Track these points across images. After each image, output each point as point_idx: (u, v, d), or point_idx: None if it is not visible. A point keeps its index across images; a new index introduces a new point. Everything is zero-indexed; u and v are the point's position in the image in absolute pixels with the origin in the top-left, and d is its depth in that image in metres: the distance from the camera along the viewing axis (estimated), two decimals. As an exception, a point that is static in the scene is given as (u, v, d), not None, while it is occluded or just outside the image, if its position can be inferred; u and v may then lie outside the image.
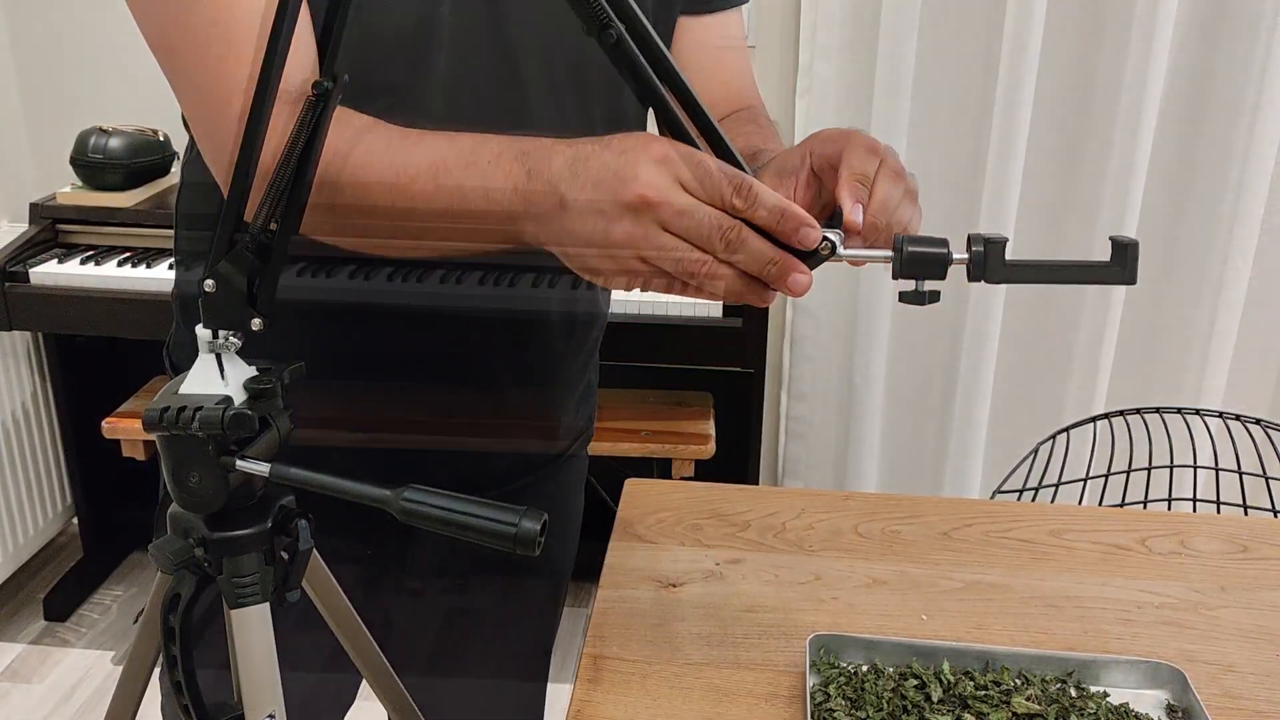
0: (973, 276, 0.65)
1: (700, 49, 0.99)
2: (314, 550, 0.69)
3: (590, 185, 0.65)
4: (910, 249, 0.66)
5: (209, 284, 0.61)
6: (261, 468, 0.63)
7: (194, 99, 0.76)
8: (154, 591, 0.69)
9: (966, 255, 0.65)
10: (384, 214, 0.73)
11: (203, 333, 0.63)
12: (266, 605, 0.67)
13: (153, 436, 0.63)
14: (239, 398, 0.64)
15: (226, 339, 0.63)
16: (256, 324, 0.62)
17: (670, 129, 0.64)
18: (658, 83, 0.63)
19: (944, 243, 0.66)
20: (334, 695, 1.05)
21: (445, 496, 0.60)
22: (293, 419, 0.66)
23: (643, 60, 0.62)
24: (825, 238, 0.65)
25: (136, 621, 0.76)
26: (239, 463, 0.63)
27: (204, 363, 0.63)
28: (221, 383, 0.63)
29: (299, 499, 0.69)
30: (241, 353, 0.64)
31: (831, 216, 0.68)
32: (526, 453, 1.04)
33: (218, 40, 0.72)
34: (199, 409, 0.61)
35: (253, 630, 0.68)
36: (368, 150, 0.72)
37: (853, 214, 0.68)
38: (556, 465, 1.08)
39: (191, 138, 0.87)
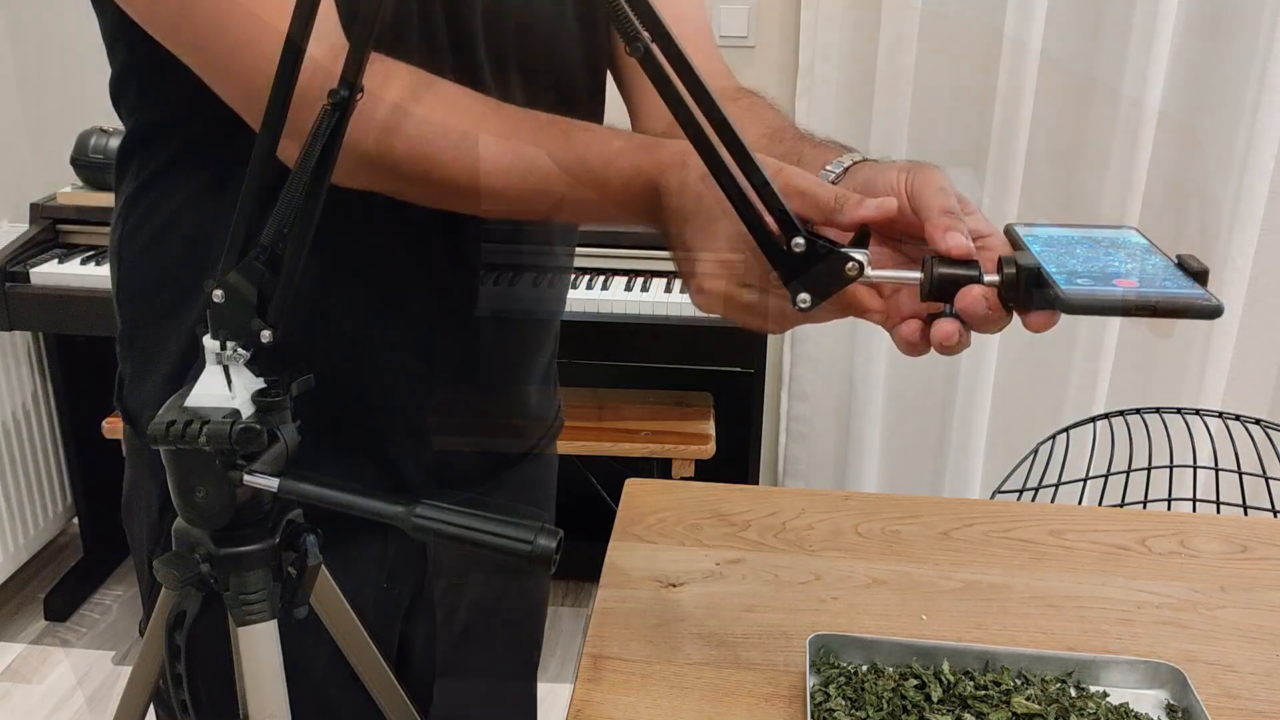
0: (1005, 300, 0.61)
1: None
2: (322, 566, 0.68)
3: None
4: (940, 270, 0.62)
5: (218, 294, 0.60)
6: (270, 483, 0.62)
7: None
8: (158, 607, 0.68)
9: (997, 277, 0.61)
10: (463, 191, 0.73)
11: (210, 344, 0.62)
12: (274, 623, 0.66)
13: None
14: (247, 410, 0.62)
15: (234, 350, 0.62)
16: (265, 336, 0.61)
17: (702, 151, 0.62)
18: (688, 100, 0.61)
19: (974, 264, 0.62)
20: None
21: (458, 513, 0.59)
22: (300, 431, 0.65)
23: (672, 76, 0.60)
24: (853, 259, 0.62)
25: (141, 635, 0.75)
26: (247, 477, 0.62)
27: (211, 374, 0.62)
28: (229, 394, 0.62)
29: (307, 514, 0.67)
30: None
31: (858, 237, 0.65)
32: (496, 450, 1.03)
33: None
34: (206, 423, 0.60)
35: (260, 648, 0.66)
36: (436, 128, 0.71)
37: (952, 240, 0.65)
38: (526, 461, 1.06)
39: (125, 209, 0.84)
